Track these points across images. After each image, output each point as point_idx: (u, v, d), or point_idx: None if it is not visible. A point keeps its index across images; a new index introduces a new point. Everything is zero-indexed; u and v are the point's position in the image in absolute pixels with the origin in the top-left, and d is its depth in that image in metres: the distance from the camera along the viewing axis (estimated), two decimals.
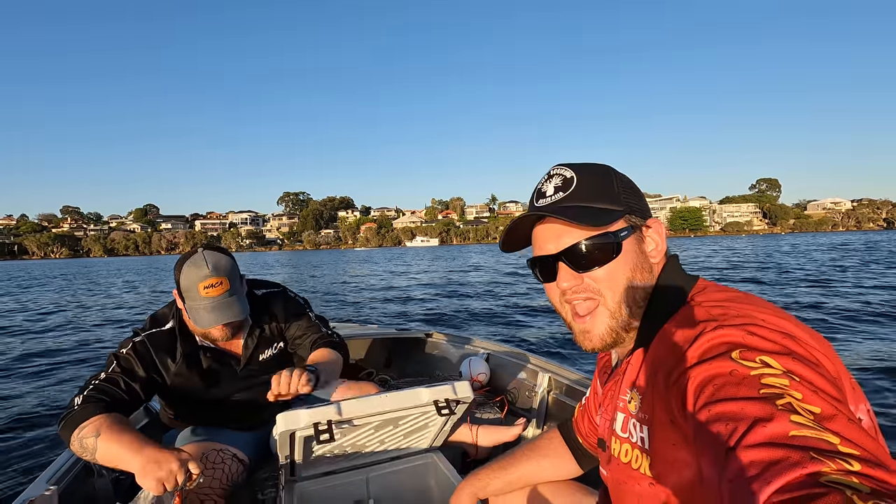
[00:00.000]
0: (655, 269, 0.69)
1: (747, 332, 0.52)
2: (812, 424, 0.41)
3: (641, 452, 0.63)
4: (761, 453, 0.40)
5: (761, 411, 0.43)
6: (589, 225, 0.64)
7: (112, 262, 78.48)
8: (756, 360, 0.48)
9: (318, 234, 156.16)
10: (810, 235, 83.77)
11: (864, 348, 4.95)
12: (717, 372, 0.49)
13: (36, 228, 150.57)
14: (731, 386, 0.47)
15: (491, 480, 0.98)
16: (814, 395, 0.44)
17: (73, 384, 4.75)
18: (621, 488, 0.68)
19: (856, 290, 9.41)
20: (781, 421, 0.41)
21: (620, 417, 0.68)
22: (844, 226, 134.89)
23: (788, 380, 0.46)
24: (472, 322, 7.84)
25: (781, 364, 0.47)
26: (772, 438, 0.40)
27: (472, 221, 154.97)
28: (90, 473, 1.41)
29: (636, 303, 0.67)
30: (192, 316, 1.31)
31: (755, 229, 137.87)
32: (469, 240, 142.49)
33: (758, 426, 0.42)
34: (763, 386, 0.45)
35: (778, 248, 30.49)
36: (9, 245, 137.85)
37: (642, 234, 0.68)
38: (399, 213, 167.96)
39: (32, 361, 5.68)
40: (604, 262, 0.66)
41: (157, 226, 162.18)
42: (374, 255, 60.59)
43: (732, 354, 0.50)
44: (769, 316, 0.55)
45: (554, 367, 2.08)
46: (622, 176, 0.70)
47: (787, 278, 12.25)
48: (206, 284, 1.28)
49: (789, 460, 0.38)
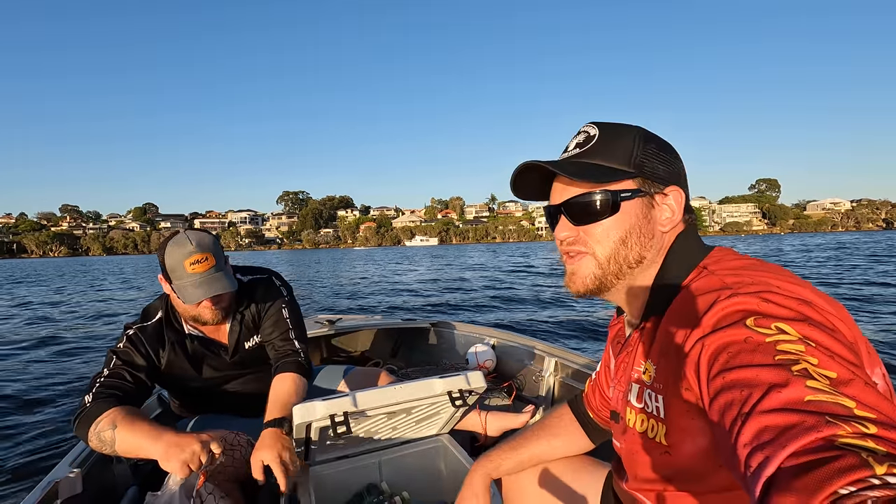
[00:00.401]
0: (665, 238, 0.68)
1: (762, 299, 0.52)
2: (828, 389, 0.41)
3: (657, 422, 0.63)
4: (777, 418, 0.40)
5: (777, 377, 0.43)
6: (588, 181, 0.65)
7: (111, 260, 78.51)
8: (771, 327, 0.48)
9: (318, 233, 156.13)
10: (809, 235, 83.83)
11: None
12: (732, 339, 0.50)
13: (35, 227, 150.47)
14: (746, 353, 0.47)
15: (503, 461, 0.98)
16: (830, 360, 0.44)
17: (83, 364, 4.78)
18: (635, 458, 0.69)
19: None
20: (797, 386, 0.41)
21: (635, 388, 0.69)
22: (844, 226, 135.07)
23: (804, 345, 0.46)
24: (476, 312, 7.84)
25: (797, 330, 0.47)
26: (787, 404, 0.41)
27: (472, 221, 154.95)
28: (110, 458, 1.42)
29: (628, 263, 0.67)
30: (180, 294, 1.30)
31: (755, 229, 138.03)
32: (468, 239, 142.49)
33: (773, 392, 0.42)
34: (778, 352, 0.45)
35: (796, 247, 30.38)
36: (7, 244, 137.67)
37: (654, 199, 0.67)
38: (398, 213, 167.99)
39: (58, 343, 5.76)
40: (598, 217, 0.67)
41: (156, 224, 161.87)
42: (374, 254, 60.49)
43: (747, 322, 0.50)
44: (785, 283, 0.55)
45: (560, 352, 2.07)
46: (653, 140, 0.67)
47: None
48: (191, 261, 1.28)
49: (804, 424, 0.38)
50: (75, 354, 5.79)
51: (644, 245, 0.67)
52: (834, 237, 58.16)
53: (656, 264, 0.68)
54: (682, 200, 0.67)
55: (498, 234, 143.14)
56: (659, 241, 0.67)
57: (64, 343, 6.42)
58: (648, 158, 0.66)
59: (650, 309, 0.67)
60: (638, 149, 0.66)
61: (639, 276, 0.69)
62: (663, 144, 0.68)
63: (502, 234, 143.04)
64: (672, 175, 0.67)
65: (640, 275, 0.69)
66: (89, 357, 5.62)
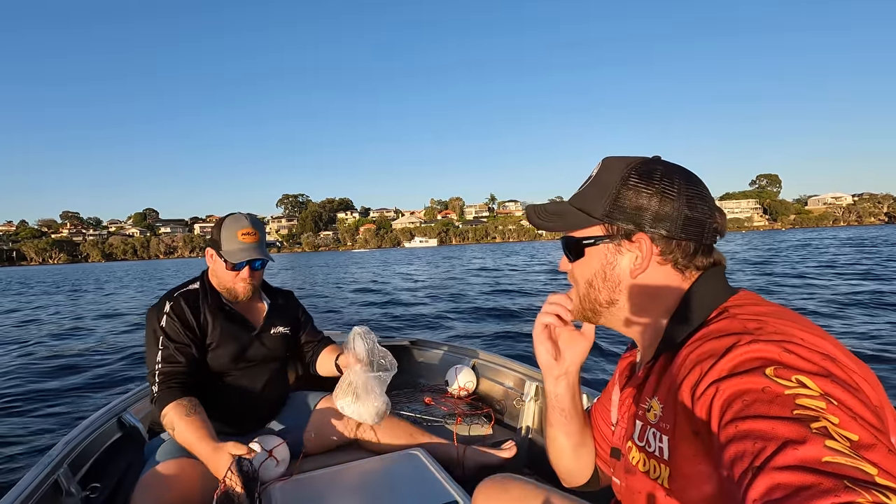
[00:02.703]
0: (631, 286, 0.68)
1: (784, 349, 0.49)
2: (848, 452, 0.38)
3: (659, 463, 0.61)
4: (791, 476, 0.38)
5: (794, 433, 0.41)
6: (551, 229, 0.72)
7: (108, 266, 78.27)
8: (792, 379, 0.46)
9: (317, 235, 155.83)
10: (811, 230, 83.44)
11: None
12: (748, 387, 0.47)
13: (35, 234, 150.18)
14: (763, 403, 0.45)
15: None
16: (852, 420, 0.42)
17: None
18: (635, 498, 0.66)
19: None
20: (815, 445, 0.39)
21: (639, 425, 0.66)
22: (845, 220, 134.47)
23: (825, 402, 0.43)
24: (457, 327, 7.41)
25: (819, 385, 0.45)
26: (803, 462, 0.38)
27: (472, 221, 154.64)
28: (58, 492, 1.36)
29: (598, 303, 0.70)
30: (229, 257, 1.53)
31: (755, 225, 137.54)
32: (468, 240, 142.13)
33: (789, 448, 0.40)
34: (797, 406, 0.43)
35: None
36: (7, 251, 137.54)
37: (621, 246, 0.67)
38: (398, 214, 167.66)
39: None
40: (574, 259, 0.71)
41: (156, 230, 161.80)
42: (367, 257, 60.15)
43: (766, 371, 0.48)
44: (809, 335, 0.52)
45: (541, 376, 1.78)
46: (643, 181, 0.65)
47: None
48: (244, 232, 1.55)
49: (821, 487, 0.36)
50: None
51: (612, 290, 0.68)
52: (835, 232, 57.59)
53: (673, 302, 0.66)
54: (650, 250, 0.65)
55: (498, 234, 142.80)
56: (618, 287, 0.68)
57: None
58: (623, 203, 0.66)
59: (663, 345, 0.65)
60: (615, 193, 0.66)
61: (643, 312, 0.68)
62: (658, 185, 0.65)
63: (502, 234, 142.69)
64: (650, 220, 0.65)
65: (650, 311, 0.68)
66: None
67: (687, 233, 0.64)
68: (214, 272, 1.61)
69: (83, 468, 1.54)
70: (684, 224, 0.64)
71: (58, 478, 1.35)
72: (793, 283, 10.04)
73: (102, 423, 1.72)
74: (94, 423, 1.70)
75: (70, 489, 1.37)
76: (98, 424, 1.70)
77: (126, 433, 1.76)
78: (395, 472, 1.49)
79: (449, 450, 1.70)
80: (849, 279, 10.20)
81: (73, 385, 4.63)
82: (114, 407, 1.85)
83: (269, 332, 1.68)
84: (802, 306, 7.14)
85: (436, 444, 1.72)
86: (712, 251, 0.67)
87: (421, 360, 2.72)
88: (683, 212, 0.64)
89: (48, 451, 1.43)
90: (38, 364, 5.50)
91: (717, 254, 0.68)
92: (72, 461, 1.46)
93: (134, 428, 1.79)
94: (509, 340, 6.04)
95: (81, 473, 1.51)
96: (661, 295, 0.67)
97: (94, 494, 1.46)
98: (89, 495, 1.44)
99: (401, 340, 2.78)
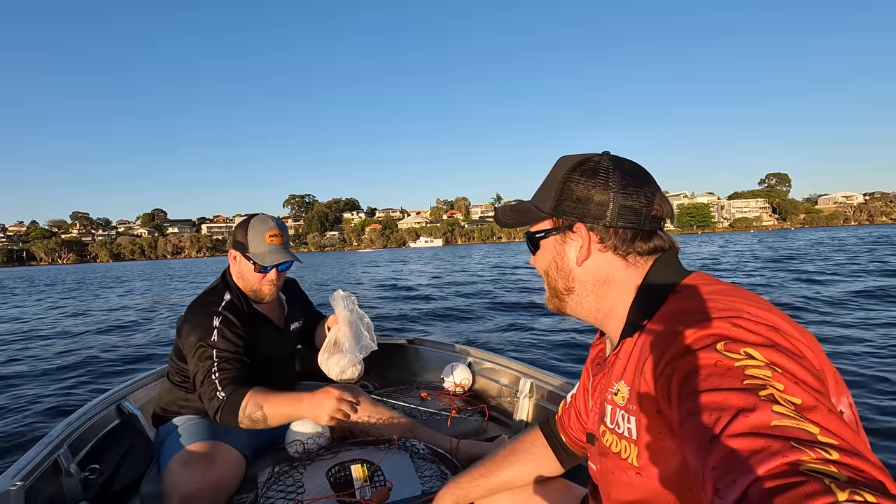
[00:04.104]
0: (580, 273, 0.72)
1: (732, 324, 0.53)
2: (793, 415, 0.42)
3: (629, 443, 0.64)
4: (744, 442, 0.41)
5: (744, 402, 0.44)
6: (509, 226, 0.79)
7: (118, 266, 79.16)
8: (740, 352, 0.50)
9: (323, 236, 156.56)
10: (821, 230, 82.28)
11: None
12: (702, 363, 0.51)
13: (45, 234, 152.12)
14: (716, 377, 0.49)
15: (472, 488, 0.98)
16: (795, 386, 0.45)
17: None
18: (609, 479, 0.69)
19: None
20: (764, 411, 0.43)
21: (609, 409, 0.70)
22: (856, 220, 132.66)
23: (771, 371, 0.47)
24: (454, 325, 7.35)
25: (764, 356, 0.49)
26: (754, 428, 0.42)
27: (478, 221, 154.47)
28: (58, 472, 1.37)
29: (558, 291, 0.75)
30: (258, 259, 1.53)
31: (764, 225, 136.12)
32: (473, 240, 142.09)
33: (740, 416, 0.43)
34: (746, 377, 0.47)
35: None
36: (17, 251, 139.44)
37: (566, 237, 0.72)
38: (404, 214, 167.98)
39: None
40: (533, 252, 0.78)
41: (164, 230, 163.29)
42: (367, 257, 60.23)
43: (717, 346, 0.51)
44: (755, 309, 0.56)
45: (536, 373, 2.05)
46: (584, 175, 0.70)
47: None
48: (271, 234, 1.55)
49: (770, 449, 0.39)
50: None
51: (565, 278, 0.73)
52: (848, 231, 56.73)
53: (627, 289, 0.69)
54: (587, 238, 0.70)
55: (503, 234, 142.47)
56: (569, 275, 0.73)
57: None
58: (565, 198, 0.71)
59: (625, 331, 0.69)
60: (559, 188, 0.72)
61: (599, 299, 0.72)
62: (594, 179, 0.69)
63: (507, 234, 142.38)
64: (587, 211, 0.69)
65: (606, 298, 0.71)
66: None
67: (623, 220, 0.68)
68: (241, 274, 1.59)
69: (83, 450, 1.56)
70: (619, 213, 0.68)
71: (58, 458, 1.37)
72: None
73: (102, 408, 1.76)
74: (94, 408, 1.73)
75: (70, 469, 1.39)
76: (98, 410, 1.74)
77: (125, 420, 1.78)
78: (389, 461, 1.50)
79: (442, 442, 1.71)
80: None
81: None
82: (113, 394, 1.91)
83: (290, 329, 1.74)
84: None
85: (430, 435, 1.74)
86: (653, 236, 0.70)
87: (417, 358, 2.74)
88: (619, 201, 0.68)
89: (49, 432, 1.46)
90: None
91: (666, 238, 0.71)
92: (72, 443, 1.49)
93: (133, 415, 1.84)
94: (504, 338, 5.93)
95: (81, 455, 1.53)
96: (611, 280, 0.70)
97: (93, 476, 1.48)
98: (88, 476, 1.46)
99: (398, 339, 2.80)
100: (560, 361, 4.81)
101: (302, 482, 1.40)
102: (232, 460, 1.42)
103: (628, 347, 0.67)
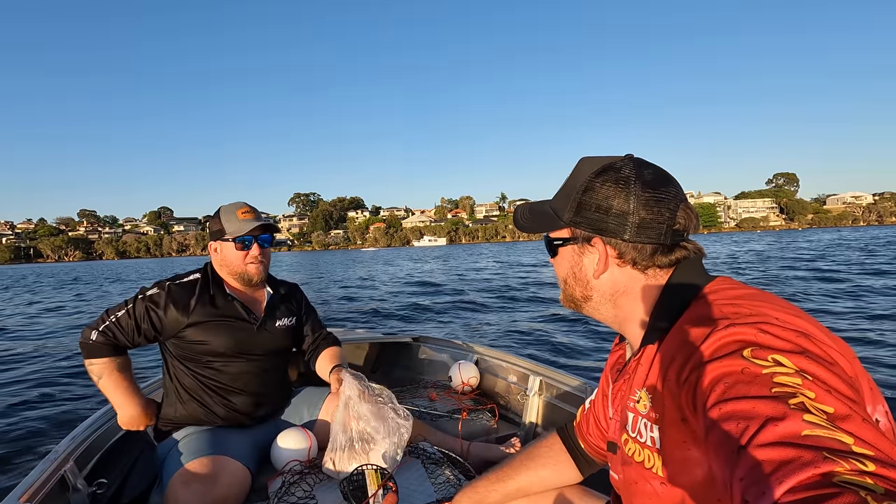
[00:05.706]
0: (597, 284, 0.70)
1: (760, 330, 0.51)
2: (825, 424, 0.40)
3: (653, 452, 0.62)
4: (773, 452, 0.39)
5: (773, 410, 0.42)
6: (528, 231, 0.75)
7: (123, 264, 79.58)
8: (768, 359, 0.48)
9: (328, 234, 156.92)
10: (830, 230, 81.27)
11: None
12: (728, 370, 0.49)
13: (52, 232, 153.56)
14: (743, 384, 0.47)
15: (489, 492, 0.97)
16: (827, 394, 0.44)
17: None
18: (633, 489, 0.67)
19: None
20: (794, 420, 0.41)
21: (630, 417, 0.68)
22: (865, 220, 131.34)
23: (801, 378, 0.45)
24: (459, 324, 7.19)
25: (794, 363, 0.47)
26: (784, 437, 0.40)
27: (482, 220, 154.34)
28: (65, 488, 1.35)
29: (575, 298, 0.73)
30: (236, 231, 1.54)
31: (772, 225, 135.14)
32: (478, 239, 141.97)
33: (769, 425, 0.41)
34: (775, 385, 0.45)
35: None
36: (24, 249, 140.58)
37: (584, 247, 0.70)
38: (409, 213, 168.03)
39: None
40: (552, 257, 0.76)
41: (170, 228, 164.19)
42: (365, 256, 60.15)
43: (744, 353, 0.49)
44: (783, 314, 0.54)
45: (544, 371, 2.03)
46: (605, 185, 0.67)
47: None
48: (243, 210, 1.58)
49: (801, 459, 0.37)
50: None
51: (583, 287, 0.71)
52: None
53: (648, 297, 0.68)
54: (604, 253, 0.68)
55: (508, 233, 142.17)
56: (587, 285, 0.71)
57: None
58: (584, 207, 0.68)
59: (647, 337, 0.67)
60: (577, 198, 0.69)
61: (619, 309, 0.70)
62: (614, 191, 0.66)
63: (512, 233, 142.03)
64: (606, 225, 0.67)
65: (626, 306, 0.70)
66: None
67: (642, 236, 0.65)
68: (224, 260, 1.59)
69: (89, 464, 1.53)
70: (639, 228, 0.65)
71: (64, 473, 1.34)
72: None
73: (107, 419, 1.70)
74: (99, 419, 1.68)
75: (77, 485, 1.36)
76: (103, 421, 1.68)
77: (130, 430, 1.72)
78: (401, 466, 1.49)
79: (454, 445, 1.70)
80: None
81: None
82: None
83: (274, 324, 1.66)
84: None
85: (440, 438, 1.72)
86: (675, 249, 0.67)
87: (424, 357, 2.70)
88: (639, 215, 0.65)
89: (54, 447, 1.43)
90: None
91: (691, 246, 0.68)
92: (78, 457, 1.45)
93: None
94: (512, 338, 5.72)
95: (87, 469, 1.51)
96: (630, 292, 0.68)
97: (101, 490, 1.44)
98: (96, 491, 1.42)
99: (403, 337, 2.76)
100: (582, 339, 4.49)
101: (314, 494, 1.37)
102: (236, 475, 1.37)
103: (650, 354, 0.65)
